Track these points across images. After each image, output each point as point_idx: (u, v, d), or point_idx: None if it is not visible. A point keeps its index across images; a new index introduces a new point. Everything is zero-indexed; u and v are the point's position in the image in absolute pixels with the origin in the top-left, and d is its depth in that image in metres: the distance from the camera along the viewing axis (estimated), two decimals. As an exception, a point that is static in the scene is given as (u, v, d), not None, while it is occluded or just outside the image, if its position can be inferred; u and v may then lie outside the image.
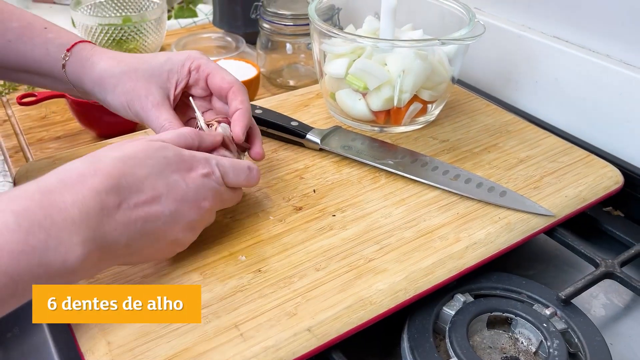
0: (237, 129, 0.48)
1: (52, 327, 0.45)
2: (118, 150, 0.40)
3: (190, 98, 0.51)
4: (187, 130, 0.45)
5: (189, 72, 0.51)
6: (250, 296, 0.41)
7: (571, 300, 0.46)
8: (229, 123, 0.49)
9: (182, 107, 0.53)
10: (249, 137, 0.51)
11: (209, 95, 0.52)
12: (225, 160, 0.45)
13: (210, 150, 0.46)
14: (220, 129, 0.48)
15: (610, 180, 0.56)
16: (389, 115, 0.61)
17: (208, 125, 0.49)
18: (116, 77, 0.49)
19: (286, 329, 0.39)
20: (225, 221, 0.49)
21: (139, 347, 0.37)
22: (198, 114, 0.50)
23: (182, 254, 0.45)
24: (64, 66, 0.49)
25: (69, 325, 0.40)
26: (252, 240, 0.47)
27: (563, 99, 0.68)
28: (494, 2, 0.75)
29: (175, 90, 0.51)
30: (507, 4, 0.73)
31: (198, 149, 0.45)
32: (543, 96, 0.71)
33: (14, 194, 0.34)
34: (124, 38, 0.84)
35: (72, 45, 0.50)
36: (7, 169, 0.67)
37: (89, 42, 0.52)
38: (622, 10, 0.61)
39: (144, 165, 0.39)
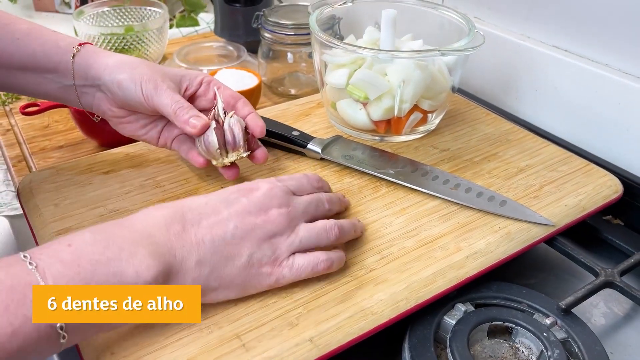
0: (258, 127, 0.52)
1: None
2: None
3: (215, 88, 0.53)
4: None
5: (200, 83, 0.53)
6: (252, 306, 0.42)
7: (571, 310, 0.46)
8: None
9: None
10: (250, 142, 0.53)
11: (211, 109, 0.53)
12: (295, 185, 0.47)
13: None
14: (235, 119, 0.51)
15: (609, 189, 0.56)
16: (390, 124, 0.61)
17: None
18: (135, 63, 0.50)
19: (288, 339, 0.39)
20: (227, 231, 0.49)
21: (143, 357, 0.38)
22: (219, 100, 0.52)
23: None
24: (73, 56, 0.50)
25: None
26: (254, 250, 0.47)
27: (562, 107, 0.69)
28: (493, 12, 0.76)
29: (184, 93, 0.52)
30: (506, 14, 0.74)
31: None
32: (543, 105, 0.71)
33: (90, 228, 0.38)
34: (126, 47, 0.84)
35: (84, 44, 0.51)
36: (10, 178, 0.68)
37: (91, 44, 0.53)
38: (621, 20, 0.61)
39: (204, 197, 0.42)
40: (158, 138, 0.54)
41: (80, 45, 0.51)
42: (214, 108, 0.52)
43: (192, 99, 0.53)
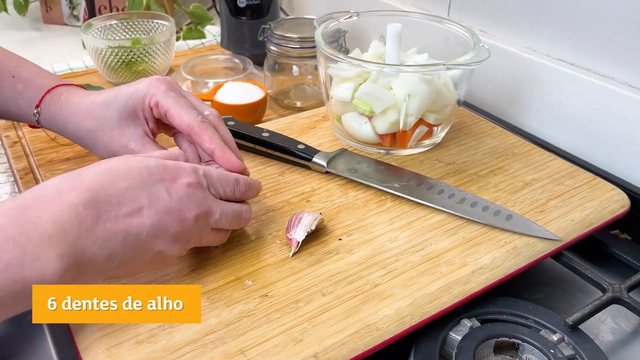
0: (229, 163, 0.48)
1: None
2: (99, 164, 0.40)
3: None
4: (175, 150, 0.46)
5: (150, 109, 0.51)
6: (256, 321, 0.42)
7: (578, 326, 0.46)
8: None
9: (165, 128, 0.54)
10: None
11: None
12: (212, 170, 0.44)
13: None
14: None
15: (616, 203, 0.56)
16: (395, 138, 0.61)
17: None
18: (91, 133, 0.50)
19: (292, 355, 0.39)
20: (232, 245, 0.49)
21: (146, 373, 0.38)
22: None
23: (189, 278, 0.45)
24: (38, 122, 0.50)
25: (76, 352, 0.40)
26: (259, 265, 0.47)
27: (568, 121, 0.69)
28: (498, 25, 0.76)
29: (148, 126, 0.52)
30: (511, 27, 0.74)
31: None
32: (548, 118, 0.71)
33: None
34: (133, 60, 0.85)
35: (39, 102, 0.50)
36: (17, 190, 0.68)
37: (55, 86, 0.51)
38: (627, 34, 0.61)
39: (125, 176, 0.39)
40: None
41: (37, 107, 0.51)
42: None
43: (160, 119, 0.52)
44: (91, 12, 1.14)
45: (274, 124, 0.68)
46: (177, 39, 1.04)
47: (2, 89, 0.50)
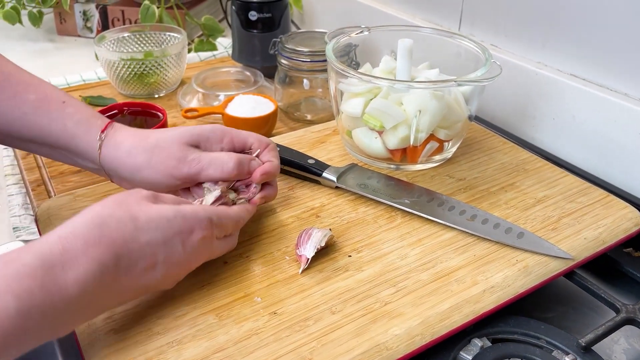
0: (258, 173, 0.51)
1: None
2: (120, 209, 0.40)
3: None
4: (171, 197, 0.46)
5: (222, 142, 0.51)
6: (265, 339, 0.41)
7: (592, 347, 0.45)
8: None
9: None
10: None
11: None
12: (226, 213, 0.46)
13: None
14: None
15: (630, 222, 0.55)
16: (405, 153, 0.61)
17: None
18: (148, 150, 0.48)
19: (301, 374, 0.39)
20: (241, 261, 0.49)
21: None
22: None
23: (198, 295, 0.45)
24: (100, 147, 0.49)
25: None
26: (268, 281, 0.47)
27: (581, 137, 0.68)
28: (510, 40, 0.76)
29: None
30: (523, 42, 0.74)
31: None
32: (560, 134, 0.71)
33: (16, 269, 0.34)
34: (145, 72, 0.86)
35: (105, 127, 0.49)
36: (28, 202, 0.69)
37: (110, 121, 0.51)
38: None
39: (148, 228, 0.40)
40: None
41: (102, 131, 0.49)
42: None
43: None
44: (104, 24, 1.15)
45: (285, 138, 0.68)
46: (189, 50, 1.05)
47: (50, 110, 0.49)
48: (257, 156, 0.52)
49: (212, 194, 0.49)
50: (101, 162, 0.49)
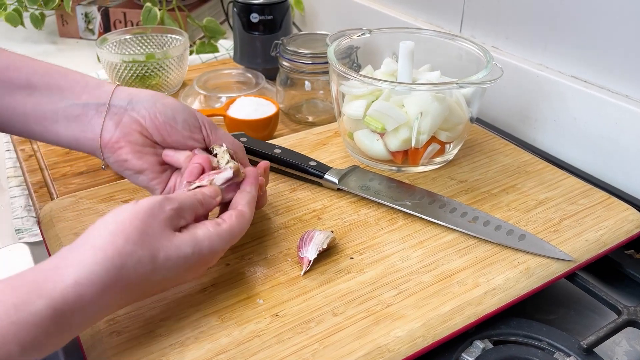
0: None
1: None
2: (141, 246, 0.38)
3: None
4: (192, 199, 0.43)
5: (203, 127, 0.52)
6: (267, 342, 0.41)
7: (593, 349, 0.45)
8: None
9: None
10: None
11: None
12: (236, 236, 0.45)
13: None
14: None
15: (631, 224, 0.55)
16: (407, 155, 0.61)
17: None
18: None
19: (303, 376, 0.39)
20: (243, 264, 0.49)
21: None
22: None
23: (201, 297, 0.45)
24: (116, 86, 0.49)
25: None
26: (270, 284, 0.47)
27: (582, 138, 0.68)
28: (511, 42, 0.76)
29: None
30: (524, 44, 0.74)
31: (205, 210, 0.45)
32: (562, 136, 0.71)
33: (25, 318, 0.32)
34: (147, 74, 0.86)
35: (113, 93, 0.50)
36: (31, 204, 0.69)
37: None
38: (640, 52, 0.61)
39: (163, 268, 0.39)
40: (164, 187, 0.50)
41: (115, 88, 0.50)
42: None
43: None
44: (106, 26, 1.16)
45: (286, 140, 0.68)
46: (190, 52, 1.05)
47: (59, 68, 0.50)
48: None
49: (222, 175, 0.47)
50: (115, 93, 0.48)
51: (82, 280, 0.35)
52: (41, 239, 0.54)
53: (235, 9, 0.91)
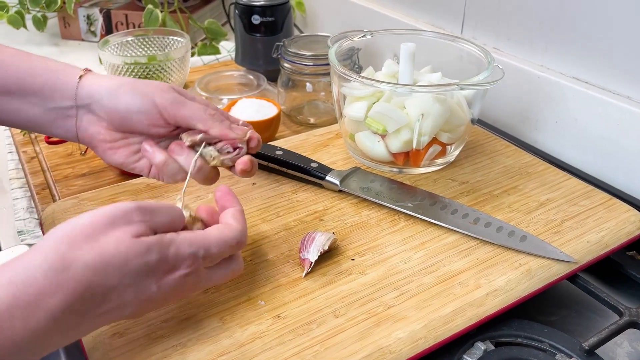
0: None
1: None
2: (92, 249, 0.35)
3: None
4: (175, 211, 0.41)
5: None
6: (269, 343, 0.41)
7: (595, 351, 0.45)
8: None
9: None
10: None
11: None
12: (213, 245, 0.40)
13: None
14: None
15: (633, 225, 0.55)
16: (408, 156, 0.61)
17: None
18: (133, 79, 0.49)
19: (305, 378, 0.39)
20: (244, 265, 0.49)
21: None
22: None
23: (202, 298, 0.45)
24: (81, 77, 0.48)
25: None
26: (271, 285, 0.47)
27: (583, 140, 0.68)
28: (512, 43, 0.76)
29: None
30: (525, 45, 0.74)
31: (181, 227, 0.41)
32: (563, 137, 0.71)
33: None
34: (149, 76, 0.86)
35: (86, 70, 0.50)
36: (33, 206, 0.69)
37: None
38: (642, 53, 0.61)
39: (119, 272, 0.35)
40: (150, 167, 0.50)
41: (86, 69, 0.49)
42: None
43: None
44: (108, 28, 1.16)
45: (288, 142, 0.68)
46: (192, 54, 1.05)
47: (28, 57, 0.49)
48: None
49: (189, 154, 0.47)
50: (78, 90, 0.47)
51: (16, 280, 0.33)
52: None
53: (236, 11, 0.91)
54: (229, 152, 0.49)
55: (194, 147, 0.49)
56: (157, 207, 0.39)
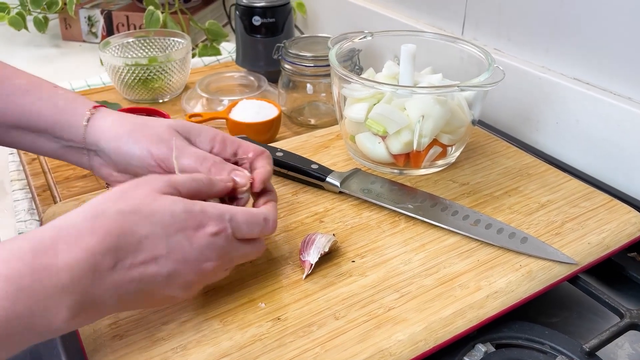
0: (258, 177, 0.47)
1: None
2: (122, 201, 0.38)
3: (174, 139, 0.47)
4: (200, 175, 0.43)
5: (214, 141, 0.49)
6: (269, 345, 0.41)
7: (596, 352, 0.45)
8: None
9: None
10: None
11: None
12: (239, 213, 0.42)
13: (222, 195, 0.45)
14: None
15: (634, 226, 0.55)
16: (409, 158, 0.61)
17: None
18: (135, 124, 0.48)
19: (305, 380, 0.39)
20: (245, 267, 0.49)
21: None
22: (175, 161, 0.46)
23: (202, 300, 0.45)
24: (88, 120, 0.48)
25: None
26: (272, 287, 0.47)
27: (584, 141, 0.68)
28: (513, 44, 0.76)
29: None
30: (526, 46, 0.74)
31: (208, 194, 0.43)
32: (564, 138, 0.71)
33: (6, 253, 0.34)
34: (149, 77, 0.86)
35: (97, 106, 0.49)
36: (34, 207, 0.69)
37: (101, 105, 0.51)
38: (643, 54, 0.61)
39: (148, 222, 0.38)
40: None
41: (94, 107, 0.49)
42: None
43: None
44: (109, 30, 1.16)
45: (288, 143, 0.68)
46: (193, 55, 1.05)
47: (41, 90, 0.49)
48: (251, 163, 0.49)
49: None
50: (85, 135, 0.48)
51: (59, 224, 0.36)
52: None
53: (237, 12, 0.91)
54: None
55: None
56: (177, 177, 0.42)
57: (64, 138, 0.49)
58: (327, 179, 0.59)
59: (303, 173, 0.60)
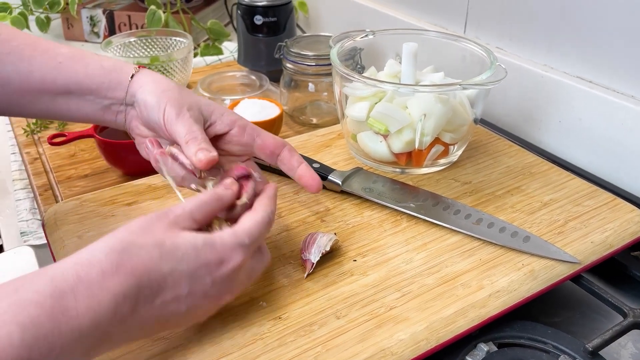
0: (314, 185, 0.50)
1: None
2: (146, 234, 0.37)
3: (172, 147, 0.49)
4: (206, 196, 0.42)
5: (233, 125, 0.50)
6: (270, 344, 0.41)
7: (598, 352, 0.45)
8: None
9: None
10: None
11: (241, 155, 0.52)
12: (253, 227, 0.41)
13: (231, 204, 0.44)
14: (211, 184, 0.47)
15: (637, 225, 0.55)
16: (411, 157, 0.61)
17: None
18: (167, 86, 0.50)
19: (306, 379, 0.39)
20: (247, 265, 0.49)
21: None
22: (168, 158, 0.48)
23: (204, 299, 0.45)
24: (132, 76, 0.50)
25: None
26: (273, 286, 0.47)
27: (587, 139, 0.68)
28: (515, 42, 0.75)
29: (207, 127, 0.50)
30: (529, 44, 0.74)
31: (221, 210, 0.43)
32: (567, 136, 0.70)
33: (25, 297, 0.32)
34: (151, 77, 0.86)
35: (142, 66, 0.52)
36: (36, 207, 0.69)
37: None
38: (646, 52, 0.60)
39: (172, 257, 0.37)
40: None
41: (140, 67, 0.52)
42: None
43: (219, 138, 0.50)
44: (111, 29, 1.16)
45: (290, 142, 0.68)
46: (195, 55, 1.05)
47: (83, 56, 0.52)
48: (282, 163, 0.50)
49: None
50: (128, 89, 0.50)
51: (80, 261, 0.35)
52: (46, 241, 0.54)
53: (239, 11, 0.91)
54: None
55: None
56: (187, 205, 0.41)
57: (108, 97, 0.51)
58: (329, 178, 0.59)
59: (304, 172, 0.60)
